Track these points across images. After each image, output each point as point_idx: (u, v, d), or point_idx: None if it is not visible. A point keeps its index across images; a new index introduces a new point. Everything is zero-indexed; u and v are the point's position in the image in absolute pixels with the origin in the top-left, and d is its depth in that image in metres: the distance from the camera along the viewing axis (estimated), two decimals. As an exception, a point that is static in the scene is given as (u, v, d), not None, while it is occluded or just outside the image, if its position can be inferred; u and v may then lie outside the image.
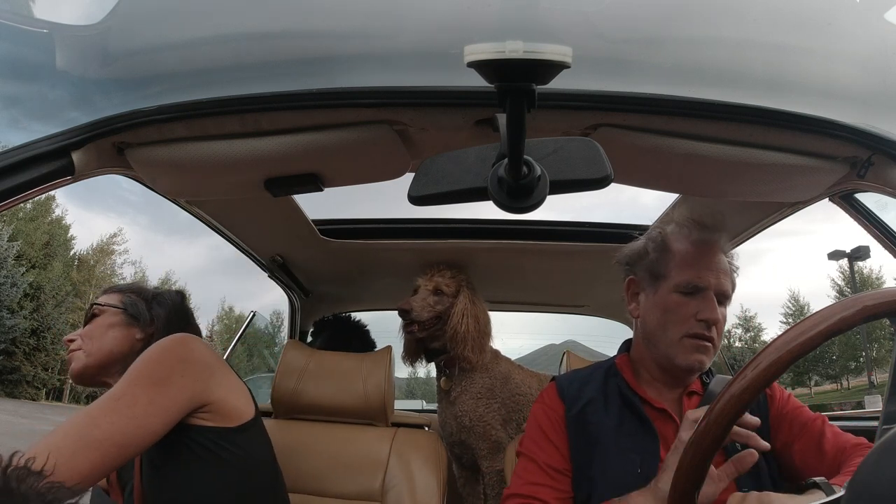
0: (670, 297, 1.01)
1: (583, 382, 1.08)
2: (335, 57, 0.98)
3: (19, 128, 1.01)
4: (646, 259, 1.08)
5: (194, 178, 1.15)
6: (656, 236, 1.09)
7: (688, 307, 0.99)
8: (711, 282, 1.00)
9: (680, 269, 1.02)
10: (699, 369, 1.00)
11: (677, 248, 1.05)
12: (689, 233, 1.06)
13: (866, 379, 23.25)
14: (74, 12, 0.93)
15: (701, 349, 0.98)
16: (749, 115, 0.99)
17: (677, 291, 1.01)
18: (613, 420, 1.00)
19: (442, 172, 0.66)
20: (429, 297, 1.77)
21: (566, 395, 1.06)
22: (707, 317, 0.98)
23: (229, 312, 32.51)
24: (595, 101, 0.98)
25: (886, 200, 1.03)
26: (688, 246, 1.04)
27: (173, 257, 45.77)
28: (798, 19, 0.92)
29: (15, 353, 23.03)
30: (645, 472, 0.93)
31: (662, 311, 1.02)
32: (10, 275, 21.23)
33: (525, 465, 1.02)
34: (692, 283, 1.00)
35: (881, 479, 0.43)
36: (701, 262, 1.01)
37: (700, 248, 1.03)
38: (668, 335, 1.01)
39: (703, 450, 0.59)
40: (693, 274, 1.00)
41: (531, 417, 1.09)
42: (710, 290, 0.99)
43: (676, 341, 0.99)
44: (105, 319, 1.21)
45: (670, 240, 1.06)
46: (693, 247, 1.04)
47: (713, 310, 0.98)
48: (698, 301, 0.99)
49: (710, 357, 1.00)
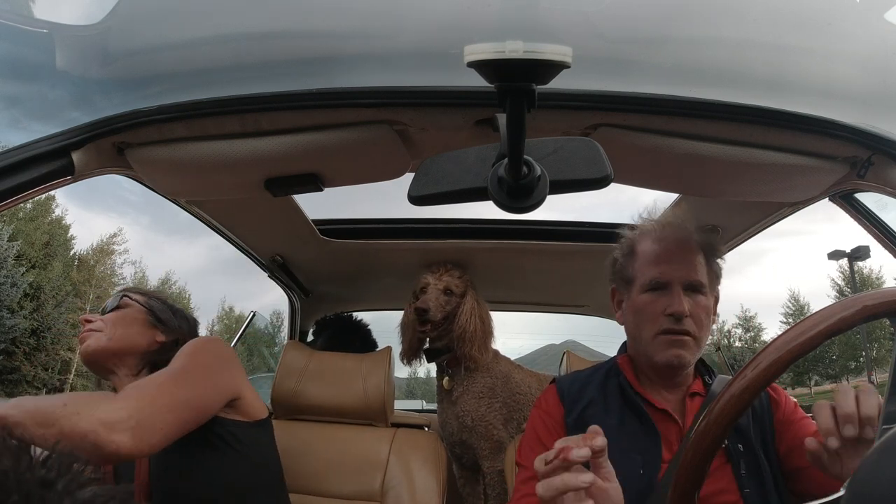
0: (640, 297, 1.03)
1: (583, 383, 1.08)
2: (335, 57, 0.98)
3: (19, 128, 1.01)
4: (617, 266, 1.11)
5: (194, 178, 1.15)
6: (623, 242, 1.11)
7: (656, 304, 1.00)
8: (675, 275, 1.00)
9: (644, 269, 1.04)
10: (680, 364, 0.99)
11: (641, 249, 1.07)
12: (652, 232, 1.07)
13: (866, 379, 23.23)
14: (74, 12, 0.93)
15: (675, 344, 0.98)
16: (749, 115, 0.99)
17: (644, 291, 1.02)
18: (614, 420, 1.00)
19: (442, 172, 0.66)
20: (440, 297, 1.77)
21: (566, 397, 1.06)
22: (674, 310, 0.98)
23: (229, 312, 32.50)
24: (595, 101, 0.98)
25: (886, 200, 1.03)
26: (650, 245, 1.06)
27: (173, 257, 45.77)
28: (798, 19, 0.92)
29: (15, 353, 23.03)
30: (647, 472, 0.92)
31: (635, 313, 1.04)
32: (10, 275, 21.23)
33: (524, 476, 1.00)
34: (655, 280, 1.01)
35: (881, 479, 0.43)
36: (663, 257, 1.02)
37: (662, 244, 1.04)
38: (643, 335, 1.02)
39: (703, 450, 0.59)
40: (656, 271, 1.02)
41: (529, 425, 1.07)
42: (676, 284, 1.00)
43: (651, 340, 1.00)
44: (132, 313, 1.23)
45: (635, 243, 1.08)
46: (655, 244, 1.05)
47: (679, 303, 0.98)
48: (666, 297, 1.00)
49: (692, 350, 0.99)
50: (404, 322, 1.89)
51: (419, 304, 1.75)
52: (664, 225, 1.08)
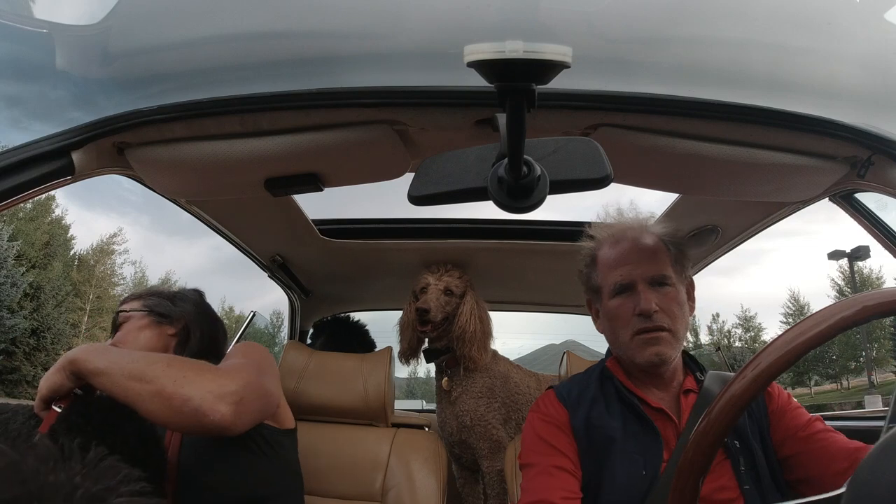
0: (609, 303, 1.04)
1: (581, 387, 1.08)
2: (335, 57, 0.98)
3: (20, 128, 1.01)
4: (583, 278, 1.12)
5: (194, 178, 1.15)
6: (586, 254, 1.12)
7: (625, 307, 1.01)
8: (637, 274, 1.01)
9: (607, 275, 1.05)
10: (662, 362, 0.99)
11: (600, 256, 1.08)
12: (608, 238, 1.08)
13: (866, 379, 23.25)
14: (74, 12, 0.93)
15: (651, 342, 0.98)
16: (749, 115, 0.99)
17: (612, 296, 1.03)
18: (618, 422, 0.99)
19: (442, 172, 0.66)
20: (441, 297, 1.77)
21: (568, 400, 1.05)
22: (641, 309, 0.98)
23: (229, 312, 32.50)
24: (595, 101, 0.98)
25: (886, 200, 1.03)
26: (607, 250, 1.06)
27: (174, 257, 45.79)
28: (798, 19, 0.92)
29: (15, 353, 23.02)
30: (649, 473, 0.92)
31: (609, 319, 1.04)
32: (10, 275, 21.23)
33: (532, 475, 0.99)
34: (618, 283, 1.02)
35: (881, 479, 0.43)
36: (622, 259, 1.03)
37: (619, 246, 1.05)
38: (620, 339, 1.02)
39: (703, 450, 0.59)
40: (617, 274, 1.02)
41: (529, 429, 1.06)
42: (640, 282, 1.00)
43: (629, 342, 1.00)
44: (134, 324, 1.21)
45: (595, 251, 1.09)
46: (612, 248, 1.06)
47: (646, 300, 0.98)
48: (633, 297, 1.00)
49: (670, 344, 0.99)
50: (403, 322, 1.88)
51: (420, 304, 1.75)
52: (618, 228, 1.09)
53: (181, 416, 0.82)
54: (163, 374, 0.83)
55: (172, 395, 0.82)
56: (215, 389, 0.85)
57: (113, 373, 0.83)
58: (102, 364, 0.84)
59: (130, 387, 0.82)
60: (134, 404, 0.82)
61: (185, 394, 0.82)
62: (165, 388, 0.82)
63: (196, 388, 0.83)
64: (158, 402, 0.81)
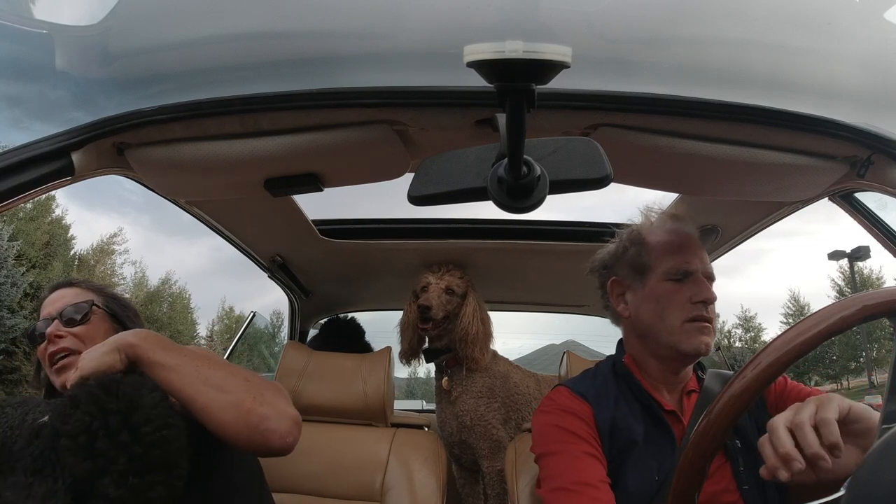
0: (661, 285, 1.01)
1: (597, 385, 1.04)
2: (335, 57, 0.98)
3: (20, 128, 1.01)
4: (626, 257, 1.08)
5: (194, 179, 1.15)
6: (631, 233, 1.10)
7: (681, 292, 0.99)
8: (698, 265, 1.01)
9: (664, 258, 1.02)
10: (705, 352, 0.99)
11: (656, 239, 1.06)
12: (663, 224, 1.07)
13: (866, 379, 23.23)
14: (74, 12, 0.93)
15: (704, 331, 0.98)
16: (749, 115, 0.99)
17: (667, 279, 1.01)
18: (640, 425, 0.97)
19: (442, 172, 0.66)
20: (442, 296, 1.78)
21: (588, 397, 1.01)
22: (704, 297, 0.98)
23: (229, 312, 32.48)
24: (595, 101, 0.98)
25: (886, 200, 1.03)
26: (664, 236, 1.05)
27: (174, 257, 45.72)
28: (798, 19, 0.92)
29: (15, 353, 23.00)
30: (661, 478, 0.92)
31: (656, 301, 1.01)
32: (10, 275, 21.22)
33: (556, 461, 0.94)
34: (681, 269, 1.00)
35: (881, 479, 0.43)
36: (682, 247, 1.03)
37: (679, 235, 1.05)
38: (667, 324, 0.99)
39: (702, 450, 0.59)
40: (680, 259, 1.01)
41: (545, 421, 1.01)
42: (699, 273, 1.00)
43: (678, 328, 0.98)
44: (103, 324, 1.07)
45: (645, 234, 1.07)
46: (670, 236, 1.05)
47: (708, 290, 0.99)
48: (690, 285, 0.99)
49: (713, 338, 1.00)
50: (404, 322, 1.88)
51: (422, 301, 1.75)
52: (672, 217, 1.08)
53: (251, 432, 0.82)
54: (242, 387, 0.83)
55: (251, 410, 0.81)
56: (290, 413, 0.86)
57: (185, 373, 0.81)
58: (171, 360, 0.82)
59: (205, 392, 0.81)
60: (204, 409, 0.80)
61: (264, 412, 0.82)
62: (245, 402, 0.82)
63: (273, 409, 0.84)
64: (234, 413, 0.81)
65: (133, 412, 0.68)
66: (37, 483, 0.62)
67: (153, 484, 0.67)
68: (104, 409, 0.67)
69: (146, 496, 0.66)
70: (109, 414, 0.67)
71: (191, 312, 30.38)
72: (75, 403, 0.68)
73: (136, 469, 0.66)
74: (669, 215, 1.09)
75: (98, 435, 0.65)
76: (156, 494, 0.67)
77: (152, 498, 0.67)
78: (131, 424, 0.68)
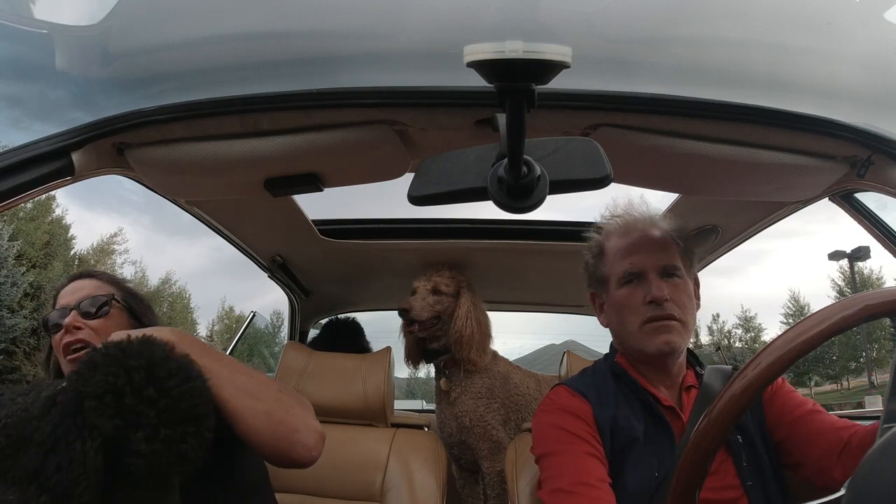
0: (617, 293, 1.03)
1: (596, 384, 1.04)
2: (335, 57, 0.98)
3: (21, 128, 1.01)
4: (590, 269, 1.11)
5: (194, 179, 1.15)
6: (592, 245, 1.11)
7: (635, 295, 1.00)
8: (648, 263, 1.00)
9: (616, 264, 1.04)
10: (671, 350, 0.98)
11: (609, 246, 1.07)
12: (618, 228, 1.08)
13: (866, 379, 23.23)
14: (74, 12, 0.93)
15: (662, 329, 0.97)
16: (749, 115, 0.99)
17: (621, 285, 1.02)
18: (640, 423, 0.97)
19: (442, 172, 0.66)
20: (428, 297, 1.77)
21: (588, 395, 1.01)
22: (653, 296, 0.97)
23: (229, 312, 32.48)
24: (595, 101, 0.98)
25: (886, 200, 1.03)
26: (617, 240, 1.06)
27: (174, 257, 45.70)
28: (798, 19, 0.92)
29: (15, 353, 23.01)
30: (661, 475, 0.92)
31: (616, 309, 1.03)
32: (10, 274, 21.21)
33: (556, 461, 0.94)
34: (628, 272, 1.01)
35: (881, 479, 0.43)
36: (633, 248, 1.03)
37: (630, 236, 1.05)
38: (628, 329, 1.01)
39: (703, 450, 0.59)
40: (626, 263, 1.02)
41: (545, 421, 1.01)
42: (650, 271, 1.00)
43: (637, 331, 0.99)
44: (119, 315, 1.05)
45: (603, 242, 1.09)
46: (622, 238, 1.05)
47: (658, 287, 0.98)
48: (643, 286, 0.99)
49: (680, 334, 0.98)
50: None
51: (401, 304, 1.76)
52: (627, 220, 1.08)
53: (279, 441, 0.83)
54: (275, 397, 0.85)
55: (282, 420, 0.83)
56: (318, 428, 0.87)
57: (221, 377, 0.81)
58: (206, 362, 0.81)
59: (239, 397, 0.81)
60: (235, 413, 0.81)
61: (295, 424, 0.83)
62: (277, 412, 0.83)
63: (302, 422, 0.85)
64: (265, 421, 0.82)
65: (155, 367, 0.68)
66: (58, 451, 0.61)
67: (185, 436, 0.66)
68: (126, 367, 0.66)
69: (179, 449, 0.66)
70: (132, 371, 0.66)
71: (191, 312, 30.40)
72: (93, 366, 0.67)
73: (166, 421, 0.65)
74: (626, 218, 1.09)
75: (125, 391, 0.65)
76: (188, 446, 0.66)
77: (185, 450, 0.66)
78: (155, 379, 0.67)
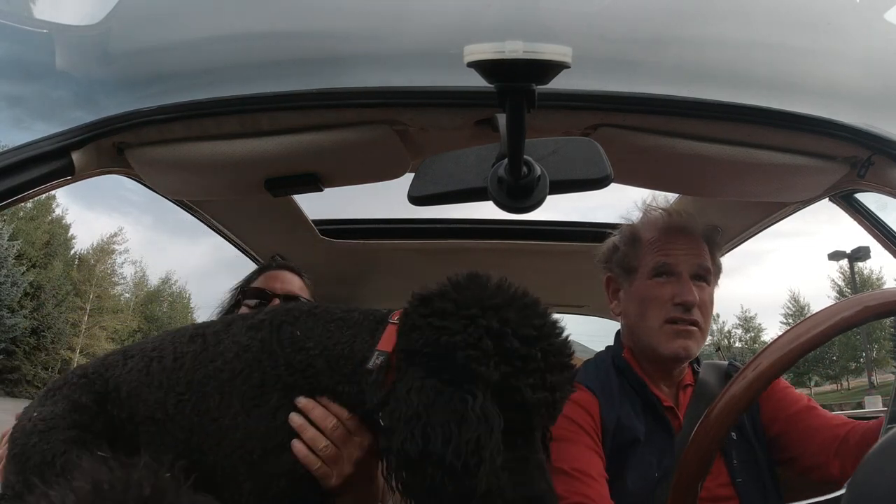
0: (645, 284, 0.99)
1: (601, 379, 1.02)
2: (335, 57, 0.98)
3: (22, 127, 1.02)
4: (617, 254, 1.06)
5: (194, 178, 1.15)
6: (625, 230, 1.07)
7: (663, 290, 0.97)
8: (684, 263, 0.98)
9: (650, 255, 1.00)
10: (685, 357, 0.96)
11: (646, 236, 1.03)
12: (658, 219, 1.04)
13: (866, 379, 23.24)
14: (75, 13, 0.93)
15: (683, 334, 0.95)
16: (749, 115, 0.99)
17: (650, 277, 0.99)
18: (642, 423, 0.96)
19: (442, 172, 0.66)
20: None
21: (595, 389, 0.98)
22: (684, 299, 0.95)
23: (229, 312, 32.46)
24: (595, 101, 0.97)
25: (886, 200, 1.03)
26: (656, 233, 1.02)
27: (175, 257, 45.78)
28: (798, 20, 0.92)
29: (15, 353, 23.03)
30: (660, 474, 0.91)
31: (639, 300, 1.00)
32: (10, 274, 21.23)
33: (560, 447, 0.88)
34: (664, 265, 0.98)
35: (881, 479, 0.43)
36: (670, 244, 1.00)
37: (668, 232, 1.01)
38: (647, 323, 0.98)
39: (703, 449, 0.59)
40: (663, 256, 0.99)
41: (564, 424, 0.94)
42: (684, 273, 0.97)
43: (657, 329, 0.96)
44: None
45: (639, 230, 1.05)
46: (661, 233, 1.02)
47: (689, 291, 0.95)
48: (673, 284, 0.97)
49: (697, 342, 0.97)
50: None
51: None
52: (670, 212, 1.05)
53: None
54: None
55: None
56: None
57: None
58: None
59: None
60: None
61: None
62: None
63: None
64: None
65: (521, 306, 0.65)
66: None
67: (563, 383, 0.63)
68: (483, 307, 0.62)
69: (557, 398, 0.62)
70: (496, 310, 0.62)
71: (191, 312, 30.43)
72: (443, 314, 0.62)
73: (550, 367, 0.62)
74: (665, 210, 1.06)
75: (504, 335, 0.60)
76: (561, 395, 0.63)
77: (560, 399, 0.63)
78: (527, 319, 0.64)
